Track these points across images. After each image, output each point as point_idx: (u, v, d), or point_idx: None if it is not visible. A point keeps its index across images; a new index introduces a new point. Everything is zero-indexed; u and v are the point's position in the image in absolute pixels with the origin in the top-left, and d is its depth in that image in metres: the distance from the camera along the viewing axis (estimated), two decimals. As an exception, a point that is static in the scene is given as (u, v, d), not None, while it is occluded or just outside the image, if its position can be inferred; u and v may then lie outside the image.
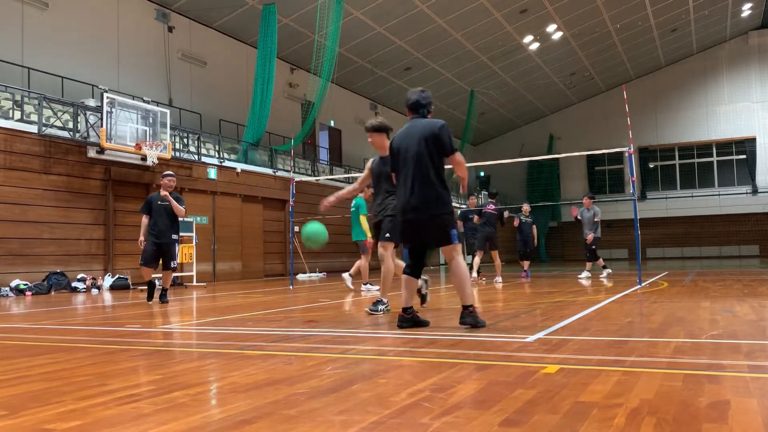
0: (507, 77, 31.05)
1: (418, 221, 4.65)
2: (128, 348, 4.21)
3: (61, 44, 15.33)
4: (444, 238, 4.65)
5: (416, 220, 4.65)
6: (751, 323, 4.70)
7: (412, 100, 4.85)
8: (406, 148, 4.70)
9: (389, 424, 2.11)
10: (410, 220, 4.69)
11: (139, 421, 2.23)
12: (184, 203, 8.59)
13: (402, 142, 4.76)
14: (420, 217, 4.63)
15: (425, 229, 4.68)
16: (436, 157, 4.65)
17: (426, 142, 4.63)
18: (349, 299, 8.45)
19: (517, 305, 6.79)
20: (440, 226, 4.64)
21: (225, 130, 19.00)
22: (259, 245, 18.37)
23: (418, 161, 4.62)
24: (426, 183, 4.61)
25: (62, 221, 12.61)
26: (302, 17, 20.48)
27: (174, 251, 8.50)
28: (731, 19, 30.95)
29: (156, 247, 8.27)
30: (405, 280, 4.84)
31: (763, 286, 8.94)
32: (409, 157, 4.67)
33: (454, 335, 4.37)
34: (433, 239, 4.72)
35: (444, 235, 4.64)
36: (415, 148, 4.65)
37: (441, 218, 4.63)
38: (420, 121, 4.79)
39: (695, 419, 2.10)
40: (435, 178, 4.63)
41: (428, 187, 4.60)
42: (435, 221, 4.63)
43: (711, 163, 35.54)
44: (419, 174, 4.62)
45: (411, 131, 4.74)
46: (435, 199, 4.61)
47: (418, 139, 4.65)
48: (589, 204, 13.26)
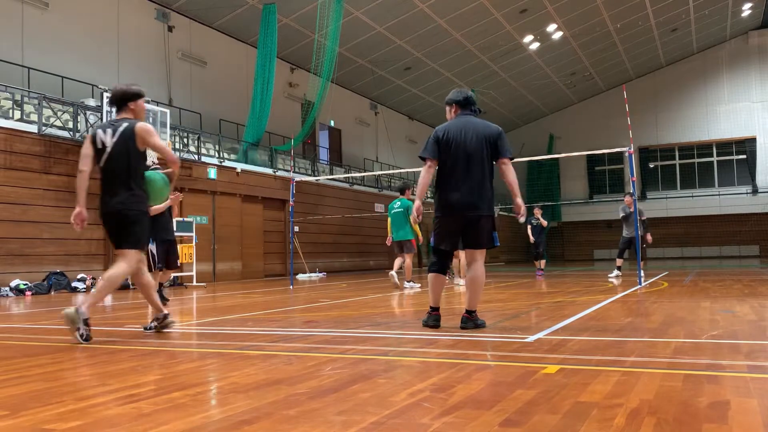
0: (507, 77, 31.05)
1: (470, 219, 4.57)
2: (128, 348, 4.21)
3: (61, 44, 15.33)
4: (490, 240, 4.69)
5: (469, 218, 4.56)
6: (751, 323, 4.70)
7: (464, 95, 4.81)
8: (464, 143, 4.56)
9: (389, 425, 2.11)
10: (463, 217, 4.57)
11: (139, 421, 2.23)
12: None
13: (457, 136, 4.59)
14: (471, 215, 4.56)
15: (474, 228, 4.60)
16: (492, 159, 4.66)
17: (487, 142, 4.60)
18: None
19: (517, 305, 6.79)
20: (490, 227, 4.66)
21: (225, 130, 19.00)
22: (259, 245, 18.37)
23: (480, 160, 4.57)
24: (485, 183, 4.61)
25: (62, 221, 12.61)
26: (302, 17, 20.48)
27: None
28: (731, 19, 30.95)
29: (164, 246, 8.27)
30: (433, 278, 4.78)
31: (763, 286, 8.94)
32: (467, 154, 4.56)
33: (454, 335, 4.37)
34: (479, 239, 4.65)
35: (490, 236, 4.68)
36: (478, 147, 4.57)
37: (492, 220, 4.66)
38: (477, 119, 4.72)
39: (695, 419, 2.10)
40: (490, 179, 4.67)
41: (487, 188, 4.62)
42: (488, 222, 4.63)
43: (711, 163, 35.54)
44: (480, 173, 4.57)
45: (468, 127, 4.62)
46: (490, 200, 4.65)
47: (480, 138, 4.59)
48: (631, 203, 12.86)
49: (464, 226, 4.59)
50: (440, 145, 4.66)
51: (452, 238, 4.68)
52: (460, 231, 4.63)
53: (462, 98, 4.80)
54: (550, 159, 34.71)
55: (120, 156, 4.84)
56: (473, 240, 4.65)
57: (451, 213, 4.59)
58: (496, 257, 34.12)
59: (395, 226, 10.56)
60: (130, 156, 4.78)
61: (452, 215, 4.59)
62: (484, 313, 6.07)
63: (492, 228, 4.66)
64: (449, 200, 4.59)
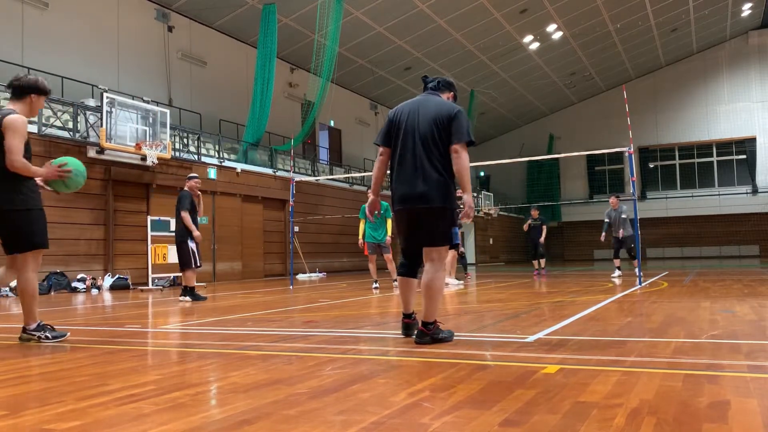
0: (507, 77, 31.06)
1: (416, 212, 3.94)
2: (128, 348, 4.21)
3: (61, 44, 15.33)
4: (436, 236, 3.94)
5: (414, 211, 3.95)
6: (751, 323, 4.70)
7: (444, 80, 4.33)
8: (412, 125, 3.99)
9: (389, 424, 2.11)
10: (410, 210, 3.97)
11: (139, 421, 2.23)
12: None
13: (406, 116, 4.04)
14: (419, 207, 3.91)
15: (427, 223, 3.93)
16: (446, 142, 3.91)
17: (438, 123, 3.92)
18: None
19: (517, 305, 6.79)
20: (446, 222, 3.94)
21: (225, 130, 19.00)
22: (259, 245, 18.37)
23: (426, 142, 3.90)
24: (436, 171, 3.88)
25: (62, 221, 12.61)
26: (302, 17, 20.48)
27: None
28: (731, 19, 30.95)
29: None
30: (400, 282, 4.20)
31: (763, 286, 8.94)
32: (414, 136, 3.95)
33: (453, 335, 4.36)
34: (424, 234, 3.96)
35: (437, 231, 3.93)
36: (426, 127, 3.92)
37: (447, 212, 3.91)
38: (435, 98, 4.13)
39: (695, 419, 2.10)
40: (444, 166, 3.91)
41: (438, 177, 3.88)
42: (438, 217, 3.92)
43: (711, 163, 35.54)
44: (427, 158, 3.89)
45: (420, 105, 4.06)
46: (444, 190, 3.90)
47: (430, 117, 3.95)
48: (616, 204, 13.23)
49: (416, 220, 3.96)
50: (391, 130, 4.09)
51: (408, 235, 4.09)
52: (414, 226, 3.99)
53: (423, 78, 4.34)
54: (550, 159, 34.73)
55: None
56: (424, 237, 3.96)
57: (402, 206, 4.00)
58: (496, 257, 34.13)
59: (372, 226, 10.43)
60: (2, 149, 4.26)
61: (402, 209, 4.00)
62: (484, 313, 6.07)
63: (450, 223, 3.92)
64: (397, 192, 4.01)
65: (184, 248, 8.55)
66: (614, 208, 13.27)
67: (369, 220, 10.35)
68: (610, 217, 13.37)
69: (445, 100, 4.14)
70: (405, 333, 4.23)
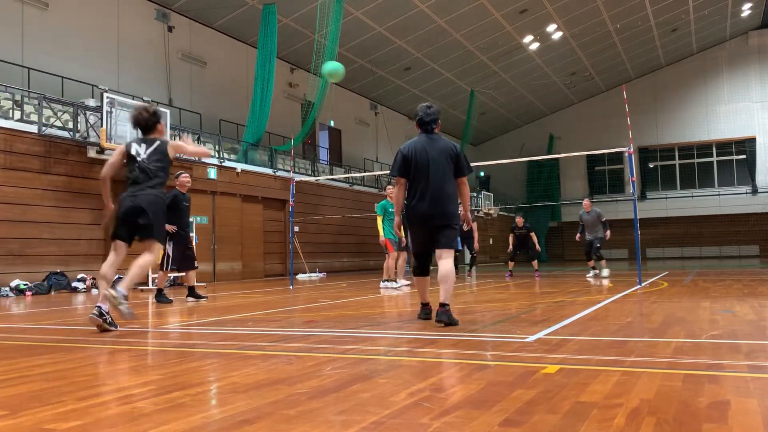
0: (507, 77, 31.05)
1: (435, 226, 4.99)
2: (128, 348, 4.21)
3: (61, 44, 15.33)
4: (449, 242, 5.05)
5: (438, 225, 4.98)
6: (751, 323, 4.70)
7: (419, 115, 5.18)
8: (426, 159, 4.98)
9: (389, 424, 2.11)
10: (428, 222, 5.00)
11: (139, 421, 2.23)
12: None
13: (426, 155, 5.00)
14: (437, 223, 4.98)
15: (445, 230, 5.00)
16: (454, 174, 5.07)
17: (449, 159, 5.01)
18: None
19: (517, 305, 6.79)
20: (457, 231, 5.12)
21: (225, 130, 19.00)
22: (259, 245, 18.37)
23: (440, 173, 4.97)
24: (450, 195, 5.01)
25: (62, 221, 12.61)
26: (302, 17, 20.48)
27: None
28: (731, 19, 30.95)
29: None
30: (418, 280, 5.31)
31: (763, 286, 8.94)
32: (430, 168, 4.96)
33: (454, 335, 4.37)
34: (440, 241, 5.02)
35: (451, 238, 5.05)
36: (439, 161, 4.98)
37: (456, 227, 5.07)
38: (440, 138, 5.13)
39: (695, 419, 2.10)
40: (453, 191, 5.06)
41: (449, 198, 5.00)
42: (451, 228, 5.03)
43: (711, 163, 35.54)
44: (443, 186, 4.97)
45: (431, 144, 5.04)
46: (454, 210, 5.05)
47: (442, 153, 5.00)
48: (588, 207, 13.59)
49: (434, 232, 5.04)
50: (406, 162, 5.07)
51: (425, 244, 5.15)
52: (432, 236, 5.05)
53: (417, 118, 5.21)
54: (550, 159, 34.73)
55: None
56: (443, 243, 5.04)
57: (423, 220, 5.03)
58: (497, 257, 34.13)
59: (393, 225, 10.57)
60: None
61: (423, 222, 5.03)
62: (485, 313, 6.07)
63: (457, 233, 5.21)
64: (419, 209, 5.01)
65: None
66: (587, 211, 13.54)
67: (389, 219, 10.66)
68: (583, 219, 13.68)
69: (446, 140, 5.14)
70: (423, 317, 5.33)
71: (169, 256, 8.52)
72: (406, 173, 5.06)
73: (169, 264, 8.58)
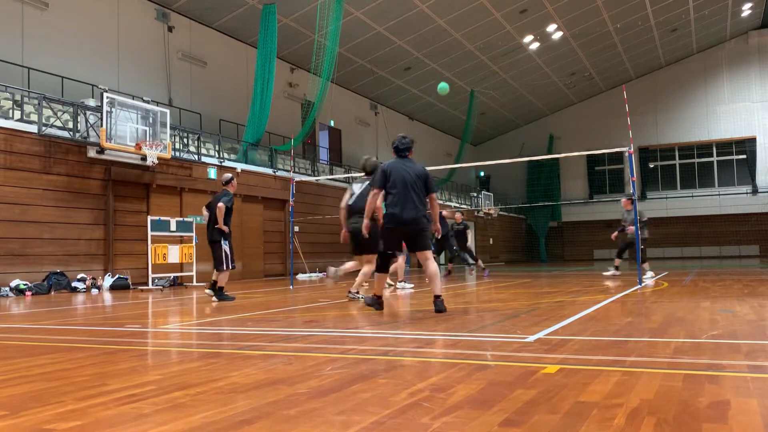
0: (507, 77, 31.05)
1: (413, 232, 6.05)
2: (128, 348, 4.21)
3: (61, 44, 15.33)
4: (425, 244, 6.20)
5: (410, 231, 6.04)
6: (751, 323, 4.70)
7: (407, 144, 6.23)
8: (402, 177, 5.99)
9: (389, 424, 2.11)
10: (405, 230, 6.03)
11: (139, 421, 2.23)
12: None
13: (398, 171, 6.04)
14: (416, 228, 6.02)
15: (417, 236, 6.09)
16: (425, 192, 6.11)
17: (420, 179, 6.07)
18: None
19: (517, 305, 6.79)
20: (427, 236, 6.21)
21: (225, 130, 19.00)
22: (259, 245, 18.36)
23: (414, 189, 6.01)
24: (420, 205, 6.03)
25: (62, 221, 12.61)
26: (302, 17, 20.48)
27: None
28: (731, 19, 30.95)
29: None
30: (380, 276, 6.29)
31: (763, 286, 8.94)
32: (407, 184, 5.98)
33: (454, 335, 4.37)
34: (417, 245, 6.15)
35: (427, 242, 6.24)
36: (413, 179, 6.02)
37: (428, 231, 6.17)
38: (413, 163, 6.21)
39: (695, 419, 2.10)
40: (426, 207, 6.12)
41: (420, 208, 6.03)
42: (425, 232, 6.13)
43: (711, 163, 35.54)
44: (417, 198, 6.00)
45: (406, 166, 6.11)
46: (425, 217, 6.07)
47: (415, 174, 6.06)
48: (628, 205, 12.69)
49: (406, 235, 6.12)
50: (385, 177, 6.08)
51: (397, 245, 6.23)
52: (402, 239, 6.19)
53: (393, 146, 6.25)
54: (550, 159, 34.72)
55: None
56: (416, 245, 6.17)
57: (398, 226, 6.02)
58: (497, 257, 34.13)
59: None
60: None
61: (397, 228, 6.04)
62: (485, 313, 6.08)
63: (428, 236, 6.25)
64: (395, 217, 6.00)
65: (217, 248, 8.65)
66: (628, 210, 12.68)
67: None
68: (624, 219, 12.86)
69: (417, 164, 6.22)
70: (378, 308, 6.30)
71: (227, 255, 8.60)
72: (383, 186, 6.08)
73: (230, 262, 8.66)
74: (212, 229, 8.66)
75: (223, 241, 8.58)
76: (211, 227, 8.69)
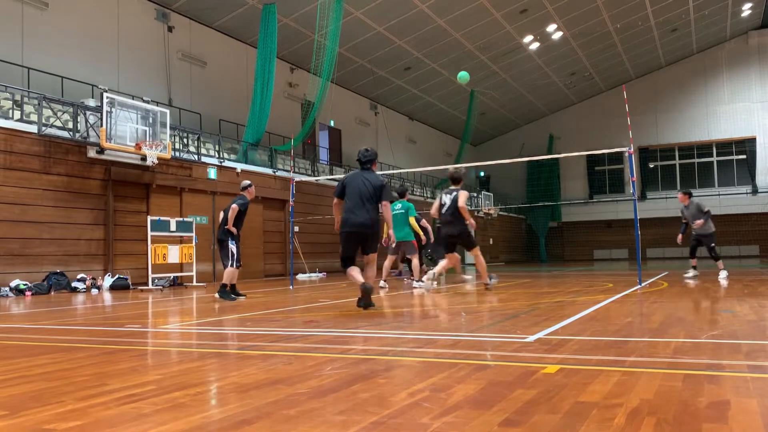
0: (507, 77, 31.05)
1: (364, 236, 6.60)
2: (128, 348, 4.21)
3: (61, 44, 15.33)
4: (375, 248, 6.77)
5: (362, 235, 6.59)
6: (751, 323, 4.70)
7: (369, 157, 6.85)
8: (357, 187, 6.64)
9: (389, 424, 2.11)
10: (356, 232, 6.59)
11: (139, 421, 2.23)
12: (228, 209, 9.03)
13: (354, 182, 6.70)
14: (365, 231, 6.59)
15: (368, 240, 6.64)
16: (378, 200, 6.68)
17: (375, 188, 6.66)
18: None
19: (517, 305, 6.79)
20: (376, 240, 6.75)
21: (225, 130, 19.00)
22: (259, 245, 18.36)
23: (369, 197, 6.61)
24: (373, 211, 6.62)
25: (62, 221, 12.61)
26: (302, 17, 20.48)
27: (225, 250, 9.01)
28: (731, 19, 30.96)
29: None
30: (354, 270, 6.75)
31: (763, 286, 8.94)
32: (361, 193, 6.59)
33: (454, 335, 4.37)
34: (366, 247, 6.70)
35: (376, 246, 6.77)
36: (368, 189, 6.63)
37: (378, 236, 6.73)
38: (372, 173, 6.82)
39: (695, 419, 2.10)
40: (377, 213, 6.66)
41: (373, 214, 6.62)
42: (375, 237, 6.70)
43: (711, 163, 35.54)
44: (369, 205, 6.59)
45: (364, 176, 6.74)
46: (375, 221, 6.65)
47: (371, 184, 6.66)
48: (685, 200, 12.11)
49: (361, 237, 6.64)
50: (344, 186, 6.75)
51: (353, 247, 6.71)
52: (358, 241, 6.66)
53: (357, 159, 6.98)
54: (550, 159, 34.74)
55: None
56: (368, 247, 6.73)
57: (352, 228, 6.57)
58: (497, 257, 34.13)
59: (395, 227, 10.71)
60: None
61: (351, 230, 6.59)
62: (484, 313, 6.08)
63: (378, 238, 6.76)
64: (349, 221, 6.60)
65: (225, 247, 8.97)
66: (686, 205, 12.09)
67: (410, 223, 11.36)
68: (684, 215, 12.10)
69: (377, 175, 6.82)
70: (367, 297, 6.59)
71: (233, 253, 8.94)
72: (340, 196, 6.76)
73: (236, 260, 9.01)
74: (221, 230, 9.02)
75: (230, 241, 8.91)
76: (221, 228, 9.06)
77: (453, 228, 8.88)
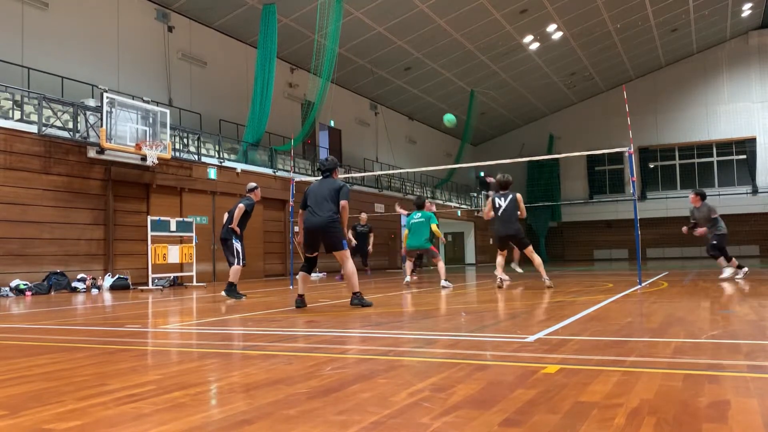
0: (507, 77, 31.05)
1: (322, 233, 6.81)
2: (128, 348, 4.21)
3: (61, 44, 15.34)
4: (337, 246, 6.90)
5: (320, 232, 6.81)
6: (751, 323, 4.70)
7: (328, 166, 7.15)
8: (315, 193, 6.94)
9: (389, 424, 2.11)
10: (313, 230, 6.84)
11: (139, 421, 2.23)
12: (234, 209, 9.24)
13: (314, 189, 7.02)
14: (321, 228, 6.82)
15: (326, 238, 6.83)
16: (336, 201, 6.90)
17: (333, 191, 6.92)
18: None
19: (517, 305, 6.79)
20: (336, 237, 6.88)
21: (225, 130, 19.00)
22: (259, 245, 18.36)
23: (325, 199, 6.88)
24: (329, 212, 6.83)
25: (62, 221, 12.61)
26: (302, 17, 20.48)
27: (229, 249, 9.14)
28: (731, 19, 30.96)
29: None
30: (302, 276, 7.05)
31: (763, 286, 8.94)
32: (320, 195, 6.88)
33: (454, 335, 4.37)
34: (331, 246, 6.89)
35: (337, 243, 6.88)
36: (326, 193, 6.90)
37: (337, 233, 6.88)
38: (332, 180, 7.09)
39: (695, 419, 2.10)
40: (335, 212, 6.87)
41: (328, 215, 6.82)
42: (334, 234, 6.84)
43: (711, 163, 35.55)
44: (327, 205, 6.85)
45: (323, 184, 7.04)
46: (334, 221, 6.83)
47: (329, 189, 6.92)
48: (697, 201, 11.56)
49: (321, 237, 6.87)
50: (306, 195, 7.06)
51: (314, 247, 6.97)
52: (318, 241, 6.90)
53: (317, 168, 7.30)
54: (550, 159, 34.74)
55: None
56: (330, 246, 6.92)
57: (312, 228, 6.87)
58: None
59: (416, 234, 11.49)
60: None
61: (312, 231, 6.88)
62: (484, 313, 6.08)
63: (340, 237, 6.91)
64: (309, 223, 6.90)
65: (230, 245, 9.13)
66: (697, 206, 11.56)
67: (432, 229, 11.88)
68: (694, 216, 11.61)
69: (336, 180, 7.07)
70: (300, 305, 6.88)
71: (238, 252, 9.08)
72: (303, 206, 7.03)
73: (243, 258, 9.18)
74: (225, 229, 9.21)
75: (234, 240, 9.04)
76: (225, 227, 9.24)
77: (509, 228, 9.67)
